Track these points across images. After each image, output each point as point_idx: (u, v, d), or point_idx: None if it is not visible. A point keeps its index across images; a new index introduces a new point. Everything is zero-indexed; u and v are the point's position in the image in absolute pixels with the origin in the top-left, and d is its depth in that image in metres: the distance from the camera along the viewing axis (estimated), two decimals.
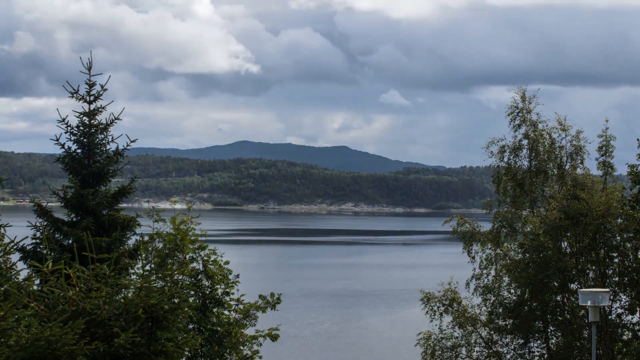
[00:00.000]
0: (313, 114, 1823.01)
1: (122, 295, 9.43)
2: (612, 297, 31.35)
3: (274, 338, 22.15)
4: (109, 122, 18.08)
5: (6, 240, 10.88)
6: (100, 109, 18.05)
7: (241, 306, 22.21)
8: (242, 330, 21.81)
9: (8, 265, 10.08)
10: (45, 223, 17.72)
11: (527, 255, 33.34)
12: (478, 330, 34.95)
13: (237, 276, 22.55)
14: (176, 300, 9.71)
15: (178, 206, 26.04)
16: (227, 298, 22.14)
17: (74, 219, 18.10)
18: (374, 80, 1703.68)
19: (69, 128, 17.93)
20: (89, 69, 18.04)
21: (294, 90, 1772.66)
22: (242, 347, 21.58)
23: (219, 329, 21.32)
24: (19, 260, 16.43)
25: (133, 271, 17.39)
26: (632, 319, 32.69)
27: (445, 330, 34.93)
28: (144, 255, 20.61)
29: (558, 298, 33.68)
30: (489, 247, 36.23)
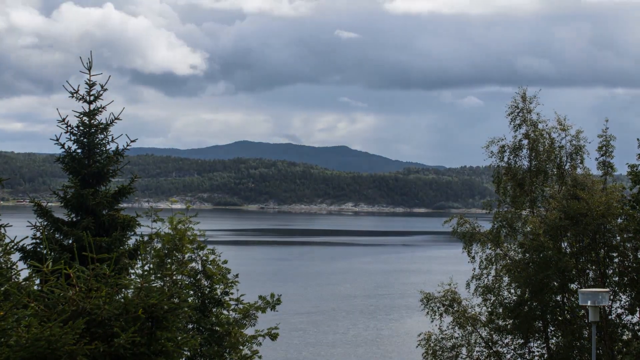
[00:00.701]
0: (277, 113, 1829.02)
1: (122, 295, 9.43)
2: (612, 297, 31.35)
3: (274, 337, 22.18)
4: (109, 122, 18.08)
5: (6, 240, 10.88)
6: (100, 109, 18.05)
7: (241, 306, 22.23)
8: (242, 330, 21.83)
9: (8, 265, 10.08)
10: (45, 223, 17.72)
11: (527, 255, 33.34)
12: (478, 330, 34.95)
13: (237, 276, 22.58)
14: (176, 300, 9.71)
15: (177, 206, 26.06)
16: (227, 298, 22.16)
17: (74, 219, 18.10)
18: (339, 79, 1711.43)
19: (68, 128, 17.94)
20: (89, 69, 18.04)
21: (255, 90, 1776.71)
22: (241, 347, 21.59)
23: (218, 329, 21.34)
24: (19, 260, 16.44)
25: (133, 271, 17.38)
26: (632, 319, 32.69)
27: (445, 330, 34.92)
28: (143, 255, 20.62)
29: (558, 298, 33.68)
30: (489, 247, 36.22)
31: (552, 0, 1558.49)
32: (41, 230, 17.10)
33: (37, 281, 9.82)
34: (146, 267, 17.88)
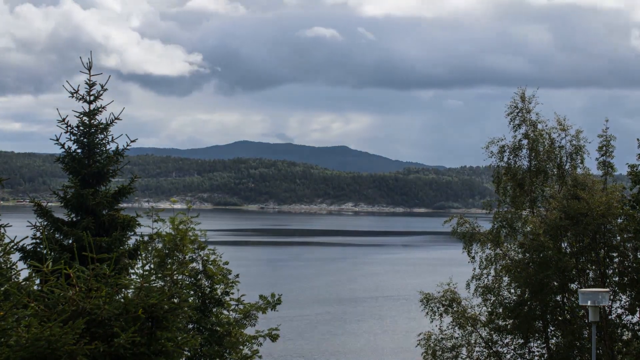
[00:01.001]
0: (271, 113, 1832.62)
1: (122, 295, 9.43)
2: (612, 297, 31.34)
3: (274, 338, 22.19)
4: (109, 122, 18.08)
5: (6, 240, 10.88)
6: (100, 109, 18.05)
7: (241, 306, 22.24)
8: (242, 331, 21.85)
9: (8, 265, 10.08)
10: (45, 223, 17.72)
11: (527, 255, 33.33)
12: (478, 330, 34.95)
13: (237, 276, 22.60)
14: (176, 300, 9.71)
15: (178, 206, 26.09)
16: (227, 298, 22.18)
17: (74, 219, 18.10)
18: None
19: (68, 128, 17.93)
20: (89, 69, 18.03)
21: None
22: (241, 347, 21.60)
23: (218, 329, 21.35)
24: (19, 260, 16.43)
25: (133, 271, 17.39)
26: (632, 319, 32.68)
27: (445, 330, 34.92)
28: (144, 255, 20.62)
29: (558, 298, 33.68)
30: (489, 247, 36.22)
31: (496, 2, 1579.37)
32: (41, 230, 17.10)
33: (37, 281, 9.82)
34: (147, 267, 17.89)
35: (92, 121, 18.01)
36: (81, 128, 17.99)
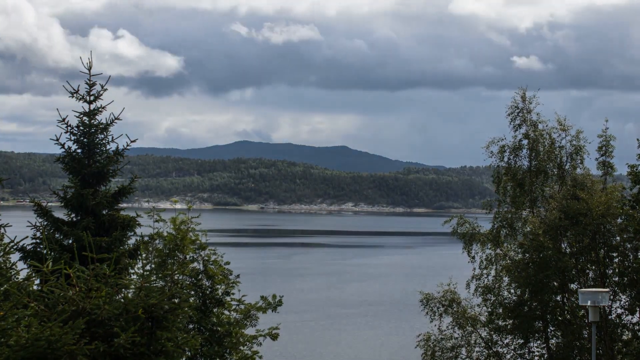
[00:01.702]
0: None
1: (122, 295, 9.43)
2: (612, 297, 31.35)
3: (274, 337, 22.19)
4: (109, 122, 18.08)
5: (6, 240, 10.88)
6: (100, 109, 18.05)
7: (242, 306, 22.24)
8: (242, 330, 21.84)
9: (8, 265, 10.08)
10: (45, 223, 17.72)
11: (527, 255, 33.34)
12: (478, 330, 34.95)
13: (238, 276, 22.60)
14: (176, 300, 9.71)
15: (178, 206, 26.07)
16: (228, 298, 22.18)
17: (74, 219, 18.10)
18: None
19: (69, 128, 17.93)
20: (89, 69, 18.03)
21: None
22: (242, 347, 21.60)
23: (219, 329, 21.35)
24: (19, 260, 16.43)
25: (133, 271, 17.39)
26: (632, 319, 32.69)
27: (445, 331, 34.92)
28: (144, 255, 20.63)
29: (558, 298, 33.69)
30: (489, 247, 36.24)
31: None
32: (41, 230, 17.10)
33: (37, 281, 9.82)
34: (147, 267, 17.90)
35: (92, 121, 18.01)
36: (81, 128, 17.99)
